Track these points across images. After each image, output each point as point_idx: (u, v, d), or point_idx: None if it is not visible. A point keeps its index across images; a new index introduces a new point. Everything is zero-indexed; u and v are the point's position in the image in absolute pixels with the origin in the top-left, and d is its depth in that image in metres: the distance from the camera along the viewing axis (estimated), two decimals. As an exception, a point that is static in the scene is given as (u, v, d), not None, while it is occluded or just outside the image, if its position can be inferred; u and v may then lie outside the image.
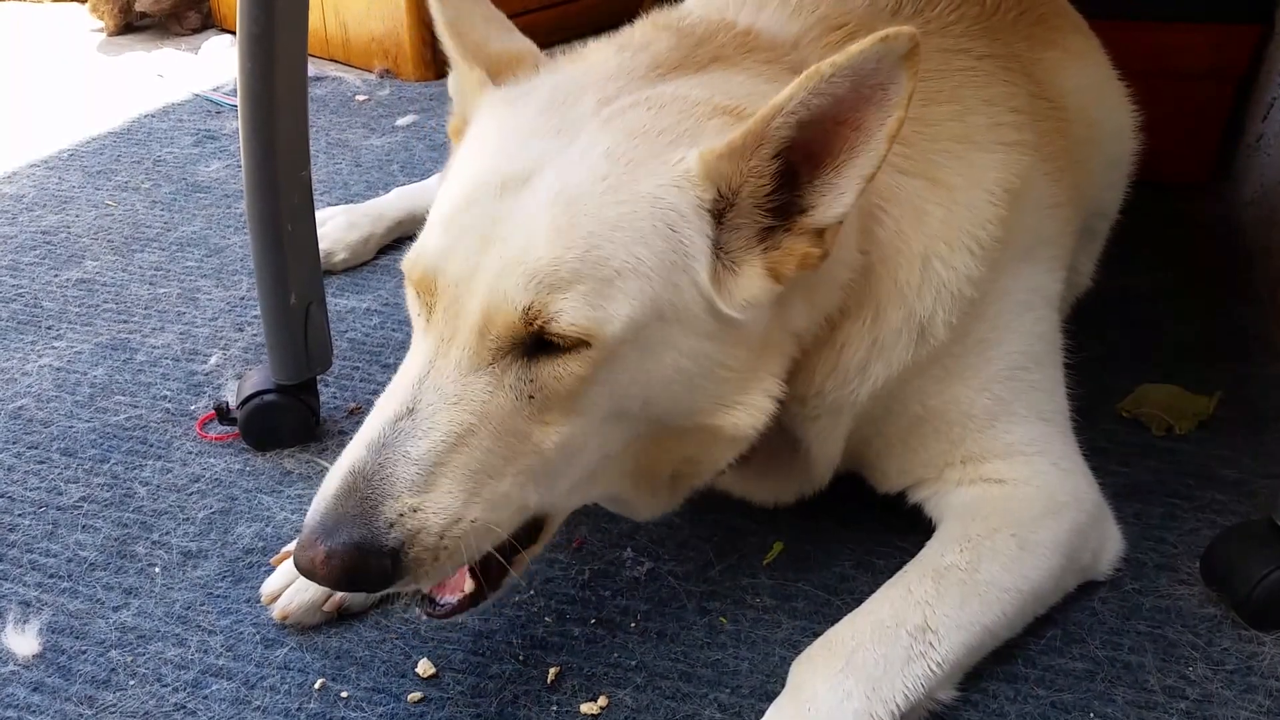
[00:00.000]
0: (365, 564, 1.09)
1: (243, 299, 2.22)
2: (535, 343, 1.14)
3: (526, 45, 1.40)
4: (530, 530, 1.27)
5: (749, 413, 1.25)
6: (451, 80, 1.41)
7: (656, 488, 1.36)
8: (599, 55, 1.35)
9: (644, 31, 1.39)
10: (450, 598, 1.26)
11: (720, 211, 1.17)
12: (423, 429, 1.13)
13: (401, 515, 1.10)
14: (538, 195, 1.14)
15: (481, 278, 1.13)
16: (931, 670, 1.26)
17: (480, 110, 1.32)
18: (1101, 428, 1.69)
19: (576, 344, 1.13)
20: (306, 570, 1.11)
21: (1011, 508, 1.41)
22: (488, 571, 1.25)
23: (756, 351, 1.25)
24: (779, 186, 1.17)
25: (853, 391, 1.35)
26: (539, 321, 1.12)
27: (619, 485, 1.33)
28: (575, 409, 1.17)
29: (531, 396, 1.15)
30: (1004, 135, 1.41)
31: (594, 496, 1.35)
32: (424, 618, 1.44)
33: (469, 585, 1.26)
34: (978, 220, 1.35)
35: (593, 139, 1.18)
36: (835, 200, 1.15)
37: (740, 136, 1.13)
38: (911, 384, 1.38)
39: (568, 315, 1.11)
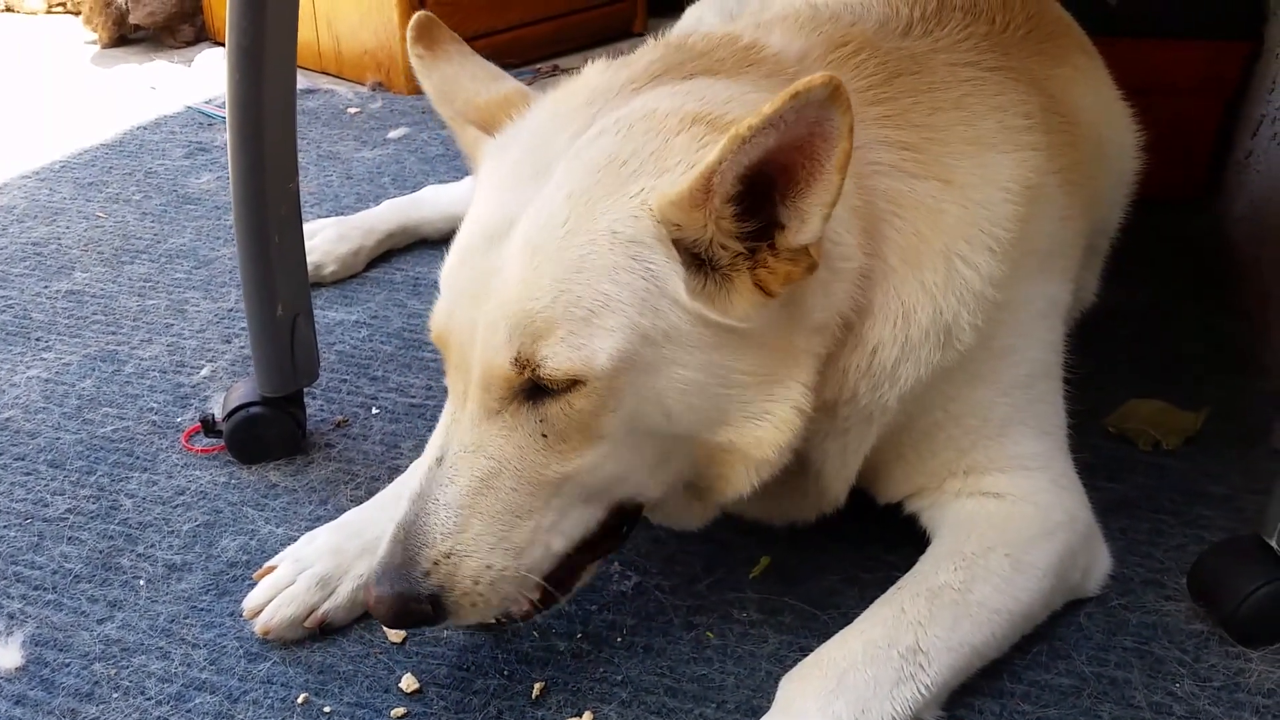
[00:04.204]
0: (407, 608, 1.22)
1: (231, 311, 2.21)
2: (534, 386, 1.19)
3: (514, 87, 1.44)
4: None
5: (774, 425, 1.25)
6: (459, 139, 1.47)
7: (690, 500, 1.37)
8: (585, 76, 1.38)
9: (642, 50, 1.41)
10: (514, 608, 1.31)
11: (691, 241, 1.18)
12: (449, 476, 1.22)
13: (436, 563, 1.21)
14: (513, 247, 1.19)
15: (478, 333, 1.20)
16: (920, 693, 1.26)
17: (479, 163, 1.37)
18: (1088, 443, 1.68)
19: (571, 383, 1.17)
20: (367, 607, 1.27)
21: (1008, 526, 1.41)
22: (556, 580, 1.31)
23: (777, 354, 1.24)
24: (757, 206, 1.17)
25: (883, 396, 1.34)
26: (529, 370, 1.17)
27: (663, 494, 1.34)
28: (593, 436, 1.21)
29: (545, 435, 1.21)
30: (1016, 137, 1.41)
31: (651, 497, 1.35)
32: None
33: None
34: (995, 218, 1.35)
35: (559, 181, 1.21)
36: (803, 226, 1.16)
37: (687, 190, 1.14)
38: (938, 389, 1.38)
39: (553, 360, 1.16)
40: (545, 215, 1.19)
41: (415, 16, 1.49)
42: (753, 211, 1.17)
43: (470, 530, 1.21)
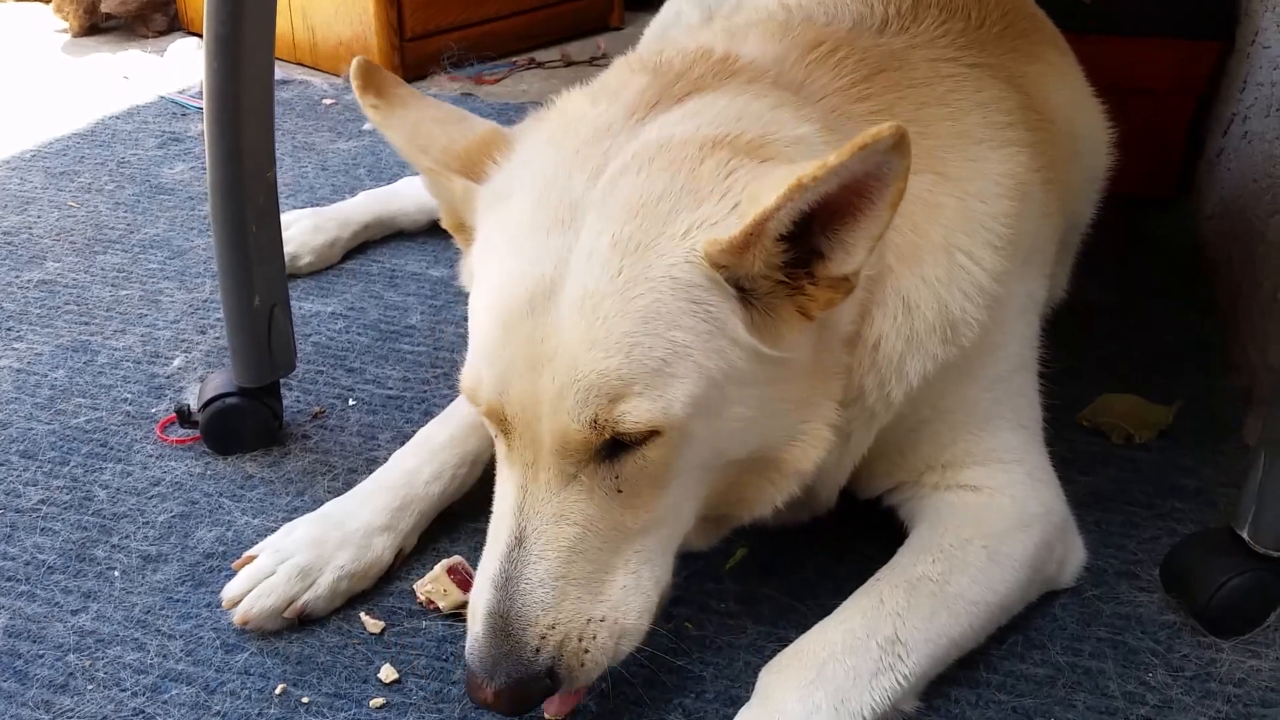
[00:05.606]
0: (528, 692, 1.21)
1: (206, 301, 2.20)
2: (612, 444, 1.17)
3: (487, 126, 1.37)
4: None
5: (811, 444, 1.27)
6: (425, 182, 1.40)
7: (705, 525, 1.38)
8: (574, 111, 1.32)
9: (617, 75, 1.37)
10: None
11: (737, 276, 1.16)
12: (536, 553, 1.20)
13: (544, 638, 1.20)
14: (567, 307, 1.15)
15: (544, 402, 1.16)
16: (899, 683, 1.27)
17: (477, 215, 1.30)
18: (1063, 436, 1.70)
19: (649, 434, 1.16)
20: (484, 706, 1.22)
21: (985, 518, 1.42)
22: None
23: (812, 377, 1.26)
24: (798, 236, 1.16)
25: (890, 391, 1.34)
26: (608, 429, 1.15)
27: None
28: (660, 485, 1.21)
29: (620, 490, 1.19)
30: (1001, 133, 1.42)
31: None
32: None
33: None
34: (993, 213, 1.36)
35: (596, 229, 1.16)
36: (846, 257, 1.16)
37: (739, 236, 1.12)
38: (933, 386, 1.38)
39: (633, 415, 1.14)
40: (596, 268, 1.15)
41: (354, 62, 1.37)
42: (793, 241, 1.16)
43: (569, 598, 1.20)
